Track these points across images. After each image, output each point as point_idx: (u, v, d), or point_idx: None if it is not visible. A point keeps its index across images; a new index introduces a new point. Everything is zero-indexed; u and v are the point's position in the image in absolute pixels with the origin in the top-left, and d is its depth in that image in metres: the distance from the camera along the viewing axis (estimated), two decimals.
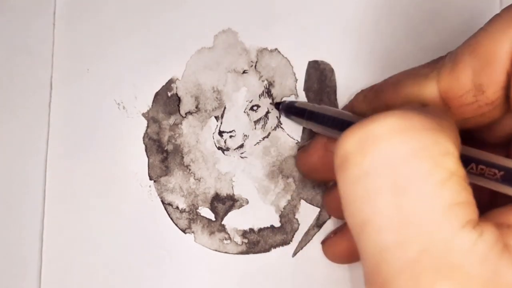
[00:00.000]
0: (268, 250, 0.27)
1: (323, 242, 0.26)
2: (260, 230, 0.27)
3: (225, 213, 0.27)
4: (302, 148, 0.26)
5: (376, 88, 0.22)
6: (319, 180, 0.26)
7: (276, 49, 0.27)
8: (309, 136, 0.27)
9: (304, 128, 0.27)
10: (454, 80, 0.18)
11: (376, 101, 0.22)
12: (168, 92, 0.27)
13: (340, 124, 0.22)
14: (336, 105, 0.27)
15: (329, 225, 0.26)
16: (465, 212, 0.15)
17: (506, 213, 0.16)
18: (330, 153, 0.23)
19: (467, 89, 0.18)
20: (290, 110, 0.26)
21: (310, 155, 0.25)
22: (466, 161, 0.17)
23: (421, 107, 0.18)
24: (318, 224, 0.26)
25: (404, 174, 0.15)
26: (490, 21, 0.17)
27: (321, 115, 0.23)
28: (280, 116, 0.27)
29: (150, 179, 0.27)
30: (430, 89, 0.19)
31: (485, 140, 0.20)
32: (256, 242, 0.27)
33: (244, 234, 0.27)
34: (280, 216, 0.27)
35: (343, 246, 0.24)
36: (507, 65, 0.17)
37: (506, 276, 0.14)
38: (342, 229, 0.25)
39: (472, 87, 0.18)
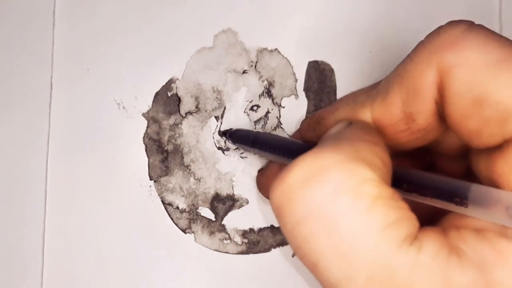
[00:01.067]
0: (268, 250, 0.27)
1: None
2: (260, 230, 0.27)
3: (225, 213, 0.27)
4: (260, 171, 0.27)
5: (317, 116, 0.23)
6: None
7: (276, 49, 0.27)
8: None
9: None
10: (386, 109, 0.18)
11: (318, 127, 0.22)
12: (168, 92, 0.27)
13: (284, 151, 0.23)
14: None
15: None
16: (399, 230, 0.15)
17: (454, 216, 0.17)
18: None
19: (398, 118, 0.18)
20: (235, 137, 0.26)
21: (267, 178, 0.26)
22: (398, 181, 0.17)
23: (347, 124, 0.19)
24: None
25: (330, 214, 0.15)
26: (415, 49, 0.18)
27: (265, 142, 0.24)
28: (280, 116, 0.27)
29: (150, 179, 0.27)
30: (364, 117, 0.19)
31: (442, 152, 0.20)
32: (256, 242, 0.27)
33: (244, 234, 0.27)
34: None
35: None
36: (434, 94, 0.17)
37: (458, 279, 0.14)
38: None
39: (403, 116, 0.18)
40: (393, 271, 0.15)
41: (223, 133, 0.27)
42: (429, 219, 0.17)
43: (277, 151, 0.23)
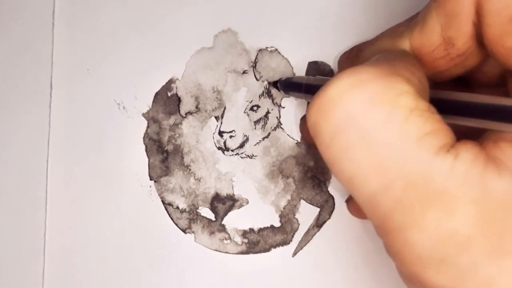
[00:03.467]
0: (268, 250, 0.27)
1: (348, 201, 0.26)
2: (260, 230, 0.27)
3: (225, 213, 0.27)
4: (303, 118, 0.27)
5: (356, 48, 0.23)
6: None
7: (276, 49, 0.27)
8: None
9: None
10: (424, 37, 0.19)
11: (357, 60, 0.22)
12: (168, 92, 0.27)
13: None
14: None
15: (329, 225, 0.26)
16: (435, 139, 0.15)
17: (489, 133, 0.17)
18: None
19: (438, 44, 0.18)
20: (288, 86, 0.26)
21: None
22: (436, 104, 0.17)
23: (383, 54, 0.19)
24: (318, 224, 0.27)
25: (367, 124, 0.15)
26: None
27: (318, 86, 0.23)
28: (280, 116, 0.27)
29: (151, 179, 0.27)
30: (403, 46, 0.19)
31: (481, 82, 0.21)
32: (256, 242, 0.27)
33: (244, 234, 0.27)
34: (280, 216, 0.27)
35: None
36: (472, 16, 0.17)
37: (494, 187, 0.15)
38: None
39: (442, 42, 0.18)
40: (430, 178, 0.15)
41: (273, 85, 0.27)
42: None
43: None
